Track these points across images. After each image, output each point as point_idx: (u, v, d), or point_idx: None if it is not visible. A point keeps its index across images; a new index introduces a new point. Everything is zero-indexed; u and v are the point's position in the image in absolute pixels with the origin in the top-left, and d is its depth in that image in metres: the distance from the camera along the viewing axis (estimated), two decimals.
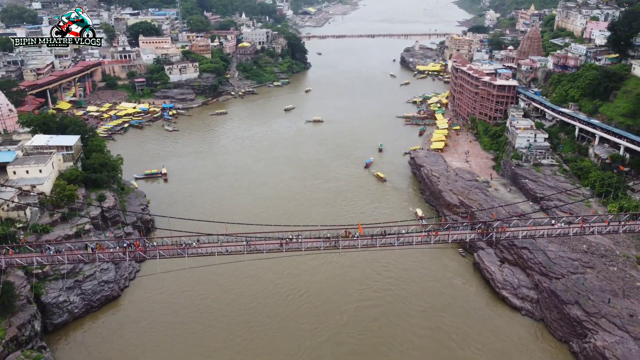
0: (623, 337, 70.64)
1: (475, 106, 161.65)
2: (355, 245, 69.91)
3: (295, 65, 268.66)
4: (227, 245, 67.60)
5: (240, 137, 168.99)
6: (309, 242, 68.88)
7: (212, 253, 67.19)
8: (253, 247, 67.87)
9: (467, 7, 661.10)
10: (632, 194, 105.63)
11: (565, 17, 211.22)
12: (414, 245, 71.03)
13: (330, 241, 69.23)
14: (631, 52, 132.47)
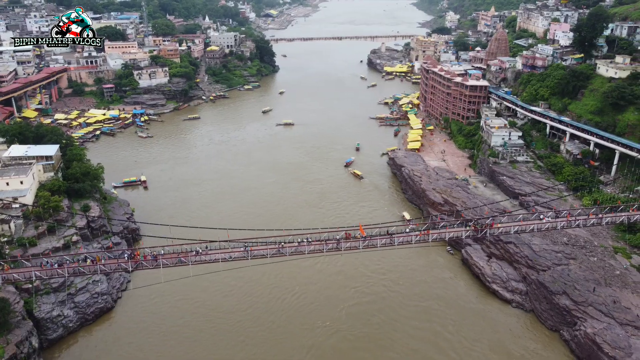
0: (610, 323, 74.68)
1: (447, 106, 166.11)
2: (357, 247, 71.24)
3: (264, 69, 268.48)
4: (231, 252, 67.78)
5: (216, 142, 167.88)
6: (312, 246, 69.70)
7: (216, 260, 67.18)
8: (257, 253, 68.21)
9: (426, 8, 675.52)
10: (603, 188, 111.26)
11: (526, 18, 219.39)
12: (413, 243, 73.05)
13: (333, 243, 70.27)
14: (594, 52, 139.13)
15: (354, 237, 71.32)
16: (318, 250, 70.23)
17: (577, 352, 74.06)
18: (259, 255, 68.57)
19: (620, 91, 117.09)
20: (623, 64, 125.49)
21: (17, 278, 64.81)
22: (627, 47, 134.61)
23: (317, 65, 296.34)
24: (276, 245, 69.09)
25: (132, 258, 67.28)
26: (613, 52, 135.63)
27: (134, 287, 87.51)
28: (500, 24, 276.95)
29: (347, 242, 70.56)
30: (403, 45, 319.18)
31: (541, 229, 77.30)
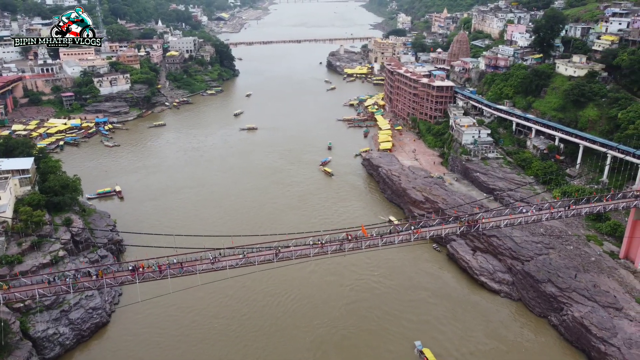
0: (593, 306, 79.91)
1: (414, 107, 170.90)
2: (360, 247, 73.05)
3: (225, 73, 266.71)
4: (237, 259, 68.03)
5: (186, 148, 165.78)
6: (316, 248, 70.91)
7: (223, 267, 67.26)
8: (264, 258, 68.76)
9: (375, 10, 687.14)
10: (570, 180, 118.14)
11: (481, 20, 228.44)
12: (412, 241, 75.68)
13: (336, 245, 71.76)
14: (552, 52, 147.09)
15: (355, 237, 72.87)
16: (322, 253, 71.47)
17: (567, 336, 78.88)
18: (266, 261, 69.09)
19: (580, 89, 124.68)
20: (580, 63, 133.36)
21: (19, 297, 62.54)
22: (582, 47, 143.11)
23: (277, 69, 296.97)
24: (282, 249, 69.76)
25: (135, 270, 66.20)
26: (569, 52, 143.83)
27: (142, 300, 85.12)
28: (454, 26, 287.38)
29: (350, 243, 72.08)
30: (361, 47, 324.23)
31: (528, 222, 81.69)
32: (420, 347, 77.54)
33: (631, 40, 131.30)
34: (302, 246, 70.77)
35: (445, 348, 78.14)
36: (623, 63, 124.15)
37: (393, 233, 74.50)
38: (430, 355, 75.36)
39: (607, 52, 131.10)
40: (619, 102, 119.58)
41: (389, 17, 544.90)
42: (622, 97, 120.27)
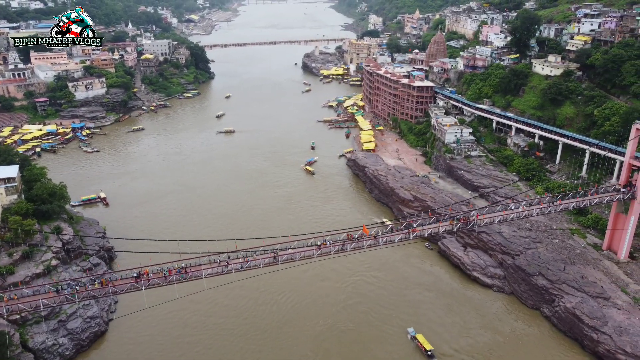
0: (583, 297, 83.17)
1: (395, 107, 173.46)
2: (361, 247, 74.25)
3: (200, 76, 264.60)
4: (242, 262, 68.34)
5: (168, 152, 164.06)
6: (320, 249, 71.75)
7: (229, 271, 67.42)
8: (268, 260, 69.23)
9: (345, 11, 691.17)
10: (551, 176, 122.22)
11: (455, 21, 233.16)
12: (411, 239, 77.37)
13: (339, 245, 72.78)
14: (528, 52, 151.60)
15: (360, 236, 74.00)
16: (325, 253, 72.39)
17: (559, 326, 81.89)
18: (270, 263, 69.56)
19: (557, 87, 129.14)
20: (556, 62, 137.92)
21: (22, 308, 61.31)
22: (556, 47, 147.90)
23: (253, 70, 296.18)
24: (283, 251, 70.34)
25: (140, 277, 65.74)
26: (544, 52, 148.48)
27: (150, 306, 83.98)
28: (427, 26, 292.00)
29: (352, 243, 73.19)
30: (335, 49, 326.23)
31: (520, 217, 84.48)
32: (413, 333, 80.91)
33: (603, 40, 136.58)
34: (305, 247, 71.43)
35: (444, 340, 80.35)
36: (597, 62, 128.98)
37: (394, 232, 75.79)
38: (422, 339, 78.79)
39: (581, 52, 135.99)
40: (594, 100, 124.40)
41: (359, 18, 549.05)
42: (597, 95, 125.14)
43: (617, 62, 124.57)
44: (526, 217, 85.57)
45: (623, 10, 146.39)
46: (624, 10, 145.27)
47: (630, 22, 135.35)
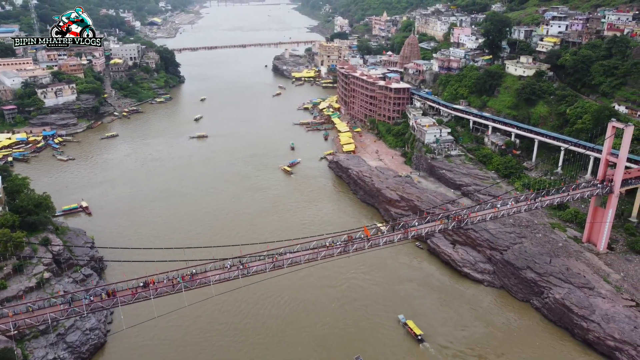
0: (570, 288, 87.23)
1: (372, 109, 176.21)
2: (363, 247, 75.83)
3: (171, 80, 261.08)
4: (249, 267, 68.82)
5: (146, 159, 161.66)
6: (322, 251, 72.93)
7: (236, 277, 67.82)
8: (276, 264, 69.97)
9: (309, 12, 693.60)
10: (528, 173, 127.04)
11: (424, 23, 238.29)
12: (410, 238, 79.51)
13: (341, 247, 74.14)
14: (500, 53, 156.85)
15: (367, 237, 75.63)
16: (329, 255, 73.60)
17: (550, 316, 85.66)
18: (277, 267, 70.32)
19: (530, 87, 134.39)
20: (527, 63, 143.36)
21: (30, 322, 60.04)
22: (526, 48, 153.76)
23: (223, 74, 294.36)
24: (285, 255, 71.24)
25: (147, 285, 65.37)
26: (515, 53, 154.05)
27: (160, 315, 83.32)
28: (395, 28, 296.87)
29: (355, 244, 74.69)
30: (305, 51, 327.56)
31: (510, 214, 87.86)
32: (403, 320, 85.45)
33: (571, 42, 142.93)
34: (310, 250, 72.43)
35: (441, 333, 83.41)
36: (567, 63, 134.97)
37: (394, 232, 77.70)
38: (412, 325, 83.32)
39: (551, 53, 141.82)
40: (566, 99, 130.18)
41: (324, 19, 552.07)
42: (569, 95, 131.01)
43: (586, 63, 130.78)
44: (515, 213, 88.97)
45: (588, 12, 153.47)
46: (589, 13, 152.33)
47: (595, 24, 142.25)
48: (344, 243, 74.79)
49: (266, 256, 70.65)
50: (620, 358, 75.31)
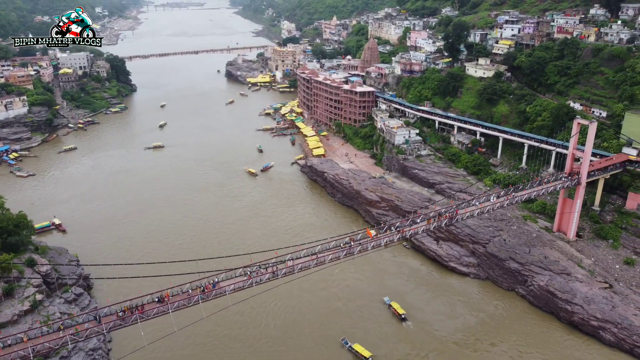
0: (551, 275, 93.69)
1: (338, 112, 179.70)
2: (366, 248, 78.53)
3: (123, 89, 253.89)
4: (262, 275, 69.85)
5: (112, 171, 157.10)
6: (329, 255, 74.98)
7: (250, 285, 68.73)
8: (286, 271, 71.33)
9: (252, 17, 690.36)
10: (494, 169, 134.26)
11: (378, 27, 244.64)
12: (408, 237, 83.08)
13: (346, 249, 76.50)
14: (459, 56, 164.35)
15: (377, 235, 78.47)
16: (336, 258, 75.72)
17: (535, 303, 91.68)
18: (288, 273, 71.69)
19: (492, 88, 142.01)
20: (486, 65, 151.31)
21: (49, 346, 58.40)
22: (483, 51, 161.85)
23: (175, 81, 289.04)
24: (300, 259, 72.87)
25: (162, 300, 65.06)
26: (472, 56, 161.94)
27: (179, 328, 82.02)
28: (345, 32, 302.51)
29: (359, 245, 77.23)
30: (257, 56, 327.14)
31: (494, 209, 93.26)
32: (388, 302, 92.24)
33: (525, 44, 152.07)
34: (318, 254, 74.31)
35: (434, 322, 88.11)
36: (523, 64, 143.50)
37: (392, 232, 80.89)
38: (397, 306, 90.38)
39: (508, 55, 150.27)
40: (525, 98, 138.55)
41: (269, 24, 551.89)
42: (527, 94, 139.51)
43: (540, 64, 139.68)
44: (498, 208, 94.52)
45: (537, 16, 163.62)
46: (538, 17, 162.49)
47: (545, 27, 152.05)
48: (348, 245, 77.11)
49: (276, 263, 71.91)
50: (604, 336, 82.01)
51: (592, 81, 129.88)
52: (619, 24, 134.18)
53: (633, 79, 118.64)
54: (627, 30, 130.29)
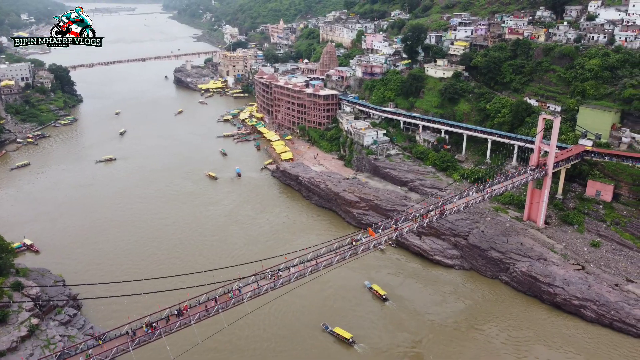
0: (530, 261, 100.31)
1: (301, 116, 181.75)
2: (369, 248, 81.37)
3: (69, 100, 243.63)
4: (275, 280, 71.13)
5: (74, 185, 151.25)
6: (336, 257, 77.21)
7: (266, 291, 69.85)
8: (298, 274, 72.90)
9: (189, 21, 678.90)
10: (461, 164, 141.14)
11: (329, 30, 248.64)
12: (405, 234, 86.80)
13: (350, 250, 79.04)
14: (417, 58, 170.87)
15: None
16: (342, 259, 78.03)
17: (519, 288, 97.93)
18: (300, 276, 73.29)
19: (453, 87, 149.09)
20: (445, 66, 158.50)
21: None
22: (439, 52, 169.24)
23: (122, 90, 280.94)
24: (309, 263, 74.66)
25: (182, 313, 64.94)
26: (430, 57, 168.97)
27: (203, 340, 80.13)
28: (294, 36, 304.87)
29: (362, 245, 79.93)
30: (205, 61, 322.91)
31: (477, 202, 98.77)
32: (369, 285, 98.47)
33: (479, 45, 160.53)
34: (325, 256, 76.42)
35: (426, 312, 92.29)
36: (479, 64, 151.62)
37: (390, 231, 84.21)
38: (377, 287, 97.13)
39: (464, 55, 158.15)
40: (483, 96, 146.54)
41: (209, 28, 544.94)
42: (485, 92, 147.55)
43: (496, 63, 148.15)
44: (481, 201, 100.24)
45: (488, 18, 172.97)
46: (488, 19, 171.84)
47: (496, 29, 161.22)
48: (352, 246, 79.64)
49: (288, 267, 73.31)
50: (585, 313, 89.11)
51: (545, 78, 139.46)
52: (565, 25, 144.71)
53: (583, 75, 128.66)
54: (573, 30, 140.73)
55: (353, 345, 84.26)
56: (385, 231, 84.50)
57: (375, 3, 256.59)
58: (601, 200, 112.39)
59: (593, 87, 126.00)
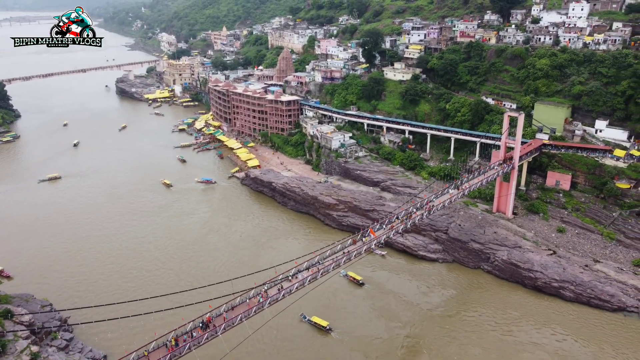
0: (507, 249, 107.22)
1: (262, 122, 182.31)
2: (370, 247, 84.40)
3: (6, 115, 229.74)
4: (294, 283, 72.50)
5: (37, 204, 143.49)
6: (343, 258, 79.60)
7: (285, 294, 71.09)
8: (311, 278, 74.61)
9: (118, 29, 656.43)
10: (427, 162, 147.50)
11: (279, 36, 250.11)
12: (401, 232, 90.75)
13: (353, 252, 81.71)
14: (375, 61, 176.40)
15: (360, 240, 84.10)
16: (348, 260, 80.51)
17: (502, 275, 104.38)
18: (313, 279, 75.04)
19: (413, 89, 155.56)
20: (402, 69, 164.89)
21: None
22: (395, 56, 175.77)
23: (62, 103, 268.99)
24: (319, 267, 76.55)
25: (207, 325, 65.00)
26: (386, 61, 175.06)
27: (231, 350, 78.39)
28: (239, 42, 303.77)
29: (365, 245, 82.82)
30: (147, 70, 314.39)
31: (459, 198, 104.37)
32: (344, 273, 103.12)
33: (433, 48, 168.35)
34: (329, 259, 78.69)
35: (417, 303, 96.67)
36: (435, 66, 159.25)
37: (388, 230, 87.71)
38: (353, 274, 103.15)
39: (420, 58, 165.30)
40: (442, 96, 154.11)
41: (142, 36, 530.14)
42: (444, 93, 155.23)
43: (452, 65, 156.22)
44: (462, 197, 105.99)
45: (438, 22, 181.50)
46: (439, 23, 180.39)
47: (448, 32, 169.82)
48: (356, 248, 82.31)
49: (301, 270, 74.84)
50: (564, 294, 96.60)
51: (499, 78, 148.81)
52: (513, 28, 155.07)
53: (534, 74, 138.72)
54: (521, 33, 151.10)
55: (330, 332, 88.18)
56: (379, 232, 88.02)
57: (321, 9, 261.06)
58: (561, 189, 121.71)
59: (545, 85, 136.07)
